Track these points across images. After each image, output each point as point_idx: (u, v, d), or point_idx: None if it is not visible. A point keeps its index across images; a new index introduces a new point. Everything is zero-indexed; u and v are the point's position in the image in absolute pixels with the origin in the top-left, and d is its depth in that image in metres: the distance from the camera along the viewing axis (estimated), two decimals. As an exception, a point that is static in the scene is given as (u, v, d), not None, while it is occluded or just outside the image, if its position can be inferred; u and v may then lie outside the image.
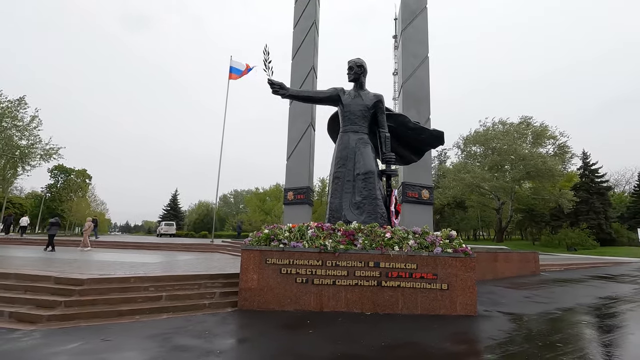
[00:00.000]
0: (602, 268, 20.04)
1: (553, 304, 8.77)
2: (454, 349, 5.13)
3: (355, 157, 9.75)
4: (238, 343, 5.29)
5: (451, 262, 7.59)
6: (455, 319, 7.03)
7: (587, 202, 41.18)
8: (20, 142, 36.23)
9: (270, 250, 7.71)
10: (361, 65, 10.65)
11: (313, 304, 7.43)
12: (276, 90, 9.93)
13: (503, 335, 5.92)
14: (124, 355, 4.60)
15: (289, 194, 20.52)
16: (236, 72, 21.56)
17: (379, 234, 7.92)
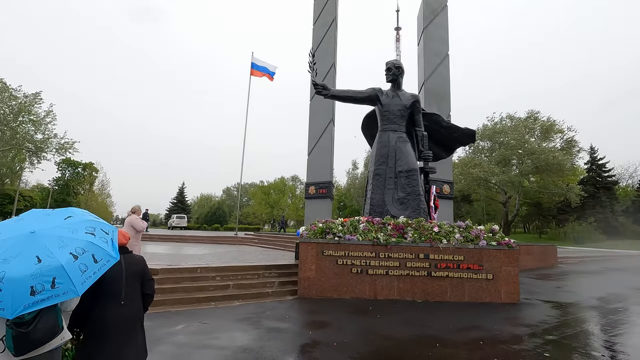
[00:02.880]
0: (614, 260, 20.68)
1: (584, 293, 9.38)
2: (516, 331, 5.73)
3: (396, 155, 10.27)
4: (322, 326, 5.87)
5: (495, 254, 8.18)
6: (501, 306, 7.64)
7: (594, 197, 41.80)
8: (36, 137, 36.67)
9: (326, 242, 8.29)
10: (399, 66, 11.12)
11: (368, 293, 8.03)
12: (319, 91, 10.45)
13: (553, 320, 6.52)
14: (232, 335, 5.19)
15: (310, 188, 21.10)
16: (258, 68, 21.95)
17: (427, 228, 8.49)
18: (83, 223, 2.38)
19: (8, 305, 1.82)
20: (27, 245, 2.02)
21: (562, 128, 41.92)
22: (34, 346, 2.08)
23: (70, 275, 1.99)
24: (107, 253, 2.28)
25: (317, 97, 21.59)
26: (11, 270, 1.88)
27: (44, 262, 1.96)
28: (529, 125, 42.16)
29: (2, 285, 1.83)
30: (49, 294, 1.93)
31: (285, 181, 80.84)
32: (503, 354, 4.62)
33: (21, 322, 1.97)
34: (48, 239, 2.10)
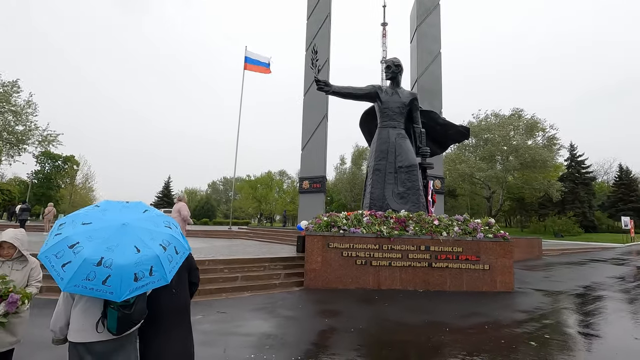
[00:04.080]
0: (593, 253, 21.76)
1: (571, 282, 9.99)
2: (516, 317, 6.16)
3: (396, 151, 10.60)
4: (335, 314, 6.15)
5: (492, 246, 8.64)
6: (498, 294, 8.11)
7: (573, 192, 43.56)
8: (17, 128, 35.45)
9: (332, 235, 8.57)
10: (398, 64, 11.42)
11: (372, 283, 8.37)
12: (321, 87, 10.65)
13: (547, 306, 7.01)
14: (252, 323, 5.42)
15: (304, 182, 21.32)
16: (252, 62, 21.89)
17: (428, 221, 8.87)
18: (160, 217, 2.58)
19: (117, 289, 2.00)
20: (124, 236, 2.19)
21: (544, 126, 43.34)
22: (131, 326, 2.29)
23: (163, 265, 2.20)
24: (183, 245, 2.49)
25: (311, 93, 21.78)
26: (117, 258, 2.06)
27: (143, 252, 2.15)
28: (513, 122, 43.41)
29: (111, 271, 2.01)
30: (147, 281, 2.13)
31: (273, 175, 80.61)
32: (507, 336, 5.01)
33: (125, 305, 2.17)
34: (139, 230, 2.28)
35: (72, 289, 2.02)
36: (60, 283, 2.04)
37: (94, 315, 2.25)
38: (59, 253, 2.11)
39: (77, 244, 2.10)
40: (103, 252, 2.08)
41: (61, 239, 2.16)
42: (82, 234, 2.17)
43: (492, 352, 4.38)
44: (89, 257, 2.02)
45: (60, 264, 2.08)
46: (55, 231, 2.30)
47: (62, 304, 2.36)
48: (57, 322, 2.35)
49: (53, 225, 2.53)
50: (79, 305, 2.31)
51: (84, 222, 2.29)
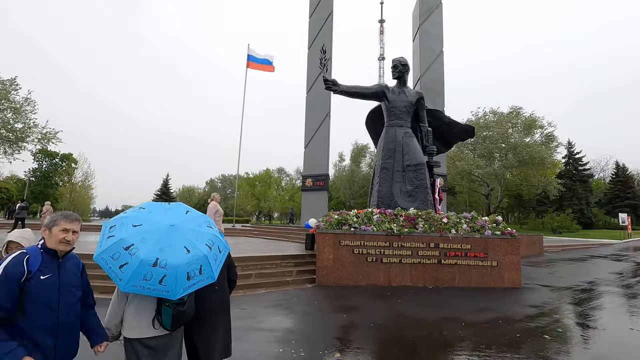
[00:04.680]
0: (592, 249, 22.06)
1: (575, 278, 10.21)
2: (527, 312, 6.34)
3: (403, 150, 10.75)
4: (352, 309, 6.30)
5: (499, 243, 8.82)
6: (506, 290, 8.30)
7: (570, 189, 44.01)
8: (16, 125, 35.28)
9: (343, 233, 8.72)
10: (405, 64, 11.54)
11: (382, 280, 8.53)
12: (329, 86, 10.73)
13: (555, 301, 7.20)
14: (273, 319, 5.56)
15: (307, 180, 21.46)
16: (255, 60, 21.92)
17: (437, 219, 9.04)
18: (201, 218, 2.70)
19: (172, 288, 2.12)
20: (173, 237, 2.31)
21: (542, 124, 43.65)
22: (184, 322, 2.43)
23: (210, 263, 2.33)
24: (224, 245, 2.63)
25: (314, 91, 21.88)
26: (171, 259, 2.17)
27: (192, 252, 2.28)
28: (511, 120, 43.69)
29: (166, 271, 2.13)
30: (198, 279, 2.26)
31: (271, 173, 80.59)
32: (522, 331, 5.19)
33: (179, 303, 2.30)
34: (186, 231, 2.40)
35: (131, 289, 2.14)
36: (119, 283, 2.15)
37: (148, 313, 2.37)
38: (115, 255, 2.21)
39: (132, 246, 2.21)
40: (157, 253, 2.19)
41: (116, 241, 2.26)
42: (135, 236, 2.27)
43: (509, 346, 4.55)
44: (145, 258, 2.13)
45: (118, 265, 2.18)
46: (107, 233, 2.40)
47: (117, 302, 2.48)
48: (112, 319, 2.47)
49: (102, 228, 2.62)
50: (132, 303, 2.42)
51: (134, 224, 2.40)
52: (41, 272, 1.91)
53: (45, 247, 2.01)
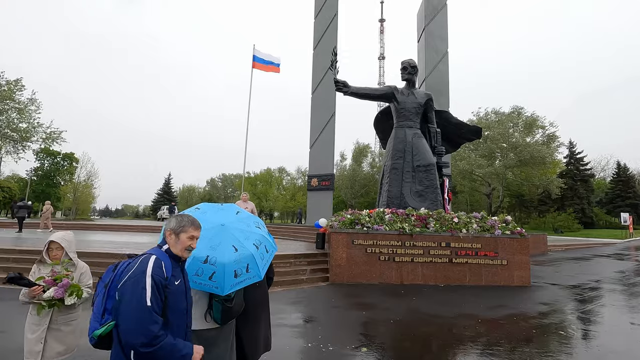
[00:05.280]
0: (594, 248, 22.24)
1: (582, 276, 10.39)
2: (540, 309, 6.52)
3: (413, 150, 10.91)
4: (370, 307, 6.47)
5: (509, 242, 8.99)
6: (516, 288, 8.47)
7: (572, 188, 44.20)
8: (21, 125, 35.43)
9: (356, 232, 8.88)
10: (414, 66, 11.70)
11: (395, 278, 8.70)
12: (339, 88, 10.88)
13: (565, 299, 7.38)
14: (295, 315, 5.74)
15: (313, 180, 21.61)
16: (260, 61, 22.05)
17: (447, 219, 9.21)
18: (250, 218, 2.87)
19: (221, 284, 2.27)
20: (223, 236, 2.47)
21: (544, 124, 43.82)
22: (233, 317, 2.59)
23: (257, 262, 2.49)
24: (272, 245, 2.79)
25: (319, 91, 22.04)
26: (220, 257, 2.34)
27: (240, 251, 2.44)
28: (513, 120, 43.86)
29: (216, 269, 2.30)
30: (245, 277, 2.42)
31: (272, 172, 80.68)
32: (537, 327, 5.36)
33: (227, 299, 2.46)
34: (235, 231, 2.56)
35: None
36: None
37: (202, 307, 2.53)
38: None
39: None
40: (208, 250, 2.36)
41: None
42: None
43: (527, 341, 4.72)
44: (197, 255, 2.30)
45: None
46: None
47: None
48: None
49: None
50: None
51: None
52: (174, 278, 1.80)
53: (170, 252, 1.88)
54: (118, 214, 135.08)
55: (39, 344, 2.67)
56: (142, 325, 1.56)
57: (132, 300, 1.59)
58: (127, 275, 1.66)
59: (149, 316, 1.58)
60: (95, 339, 1.67)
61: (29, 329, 2.73)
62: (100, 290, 1.79)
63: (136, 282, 1.62)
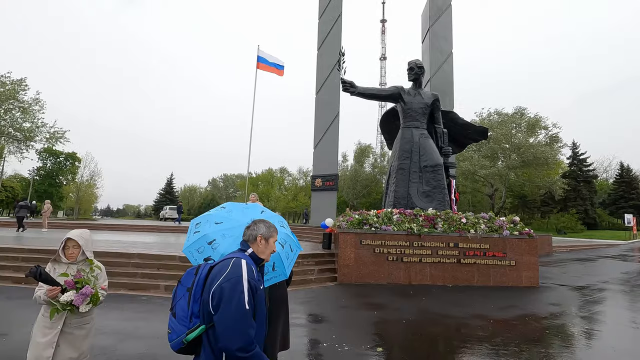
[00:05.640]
0: (598, 249, 22.20)
1: (589, 277, 10.37)
2: (551, 310, 6.51)
3: (420, 151, 10.91)
4: (381, 307, 6.47)
5: (517, 243, 8.99)
6: (525, 289, 8.46)
7: (575, 190, 44.12)
8: (24, 125, 35.55)
9: (364, 233, 8.89)
10: (421, 66, 11.70)
11: (403, 278, 8.70)
12: (347, 88, 10.88)
13: (575, 300, 7.37)
14: (308, 315, 5.74)
15: (317, 180, 21.61)
16: (264, 62, 22.07)
17: (455, 219, 9.21)
18: (274, 218, 2.88)
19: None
20: None
21: (546, 124, 43.77)
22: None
23: (283, 261, 2.53)
24: (296, 244, 2.80)
25: (323, 92, 22.05)
26: None
27: None
28: (515, 120, 43.81)
29: None
30: (271, 275, 2.46)
31: (274, 172, 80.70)
32: (549, 327, 5.36)
33: None
34: None
35: None
36: None
37: None
38: (200, 248, 2.42)
39: (214, 241, 2.41)
40: (235, 248, 2.39)
41: (201, 236, 2.47)
42: (217, 232, 2.47)
43: (542, 342, 4.72)
44: (225, 253, 2.33)
45: (202, 258, 2.39)
46: (193, 229, 2.60)
47: None
48: None
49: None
50: None
51: (216, 221, 2.60)
52: (260, 283, 1.79)
53: (255, 257, 1.87)
54: (119, 214, 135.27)
55: (49, 348, 2.50)
56: (242, 329, 1.55)
57: (231, 303, 1.56)
58: (220, 279, 1.63)
59: (248, 320, 1.58)
60: (185, 343, 1.65)
61: (39, 332, 2.55)
62: (181, 293, 1.76)
63: (234, 285, 1.60)
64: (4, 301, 6.11)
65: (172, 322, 1.70)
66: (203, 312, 1.65)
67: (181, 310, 1.69)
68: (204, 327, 1.63)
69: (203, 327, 1.63)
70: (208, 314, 1.63)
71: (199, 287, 1.71)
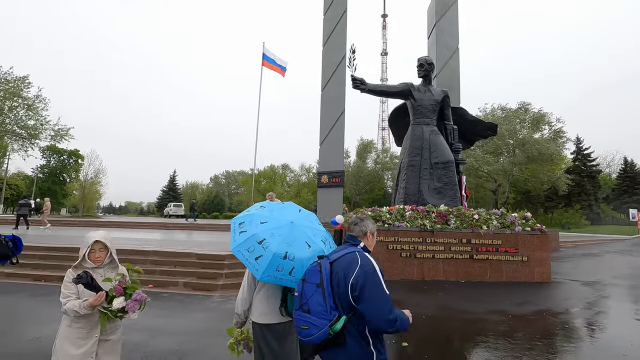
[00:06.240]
0: (604, 244, 22.27)
1: (599, 272, 10.45)
2: (566, 305, 6.59)
3: (431, 147, 10.94)
4: (398, 302, 6.51)
5: (529, 239, 9.04)
6: (537, 284, 8.53)
7: (579, 185, 44.12)
8: (28, 122, 35.64)
9: (377, 229, 8.91)
10: (431, 62, 11.72)
11: (416, 274, 8.78)
12: (357, 85, 10.90)
13: (589, 295, 7.43)
14: (329, 311, 5.82)
15: (323, 177, 21.67)
16: (269, 60, 22.09)
17: (468, 215, 9.26)
18: (312, 216, 2.96)
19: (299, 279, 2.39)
20: (295, 233, 2.57)
21: (550, 120, 43.64)
22: None
23: None
24: (331, 240, 2.87)
25: (328, 89, 22.04)
26: (297, 252, 2.44)
27: (312, 247, 2.53)
28: (519, 116, 43.69)
29: (294, 264, 2.40)
30: None
31: (275, 169, 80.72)
32: (569, 322, 5.44)
33: None
34: (304, 228, 2.66)
35: (267, 279, 2.41)
36: (256, 273, 2.42)
37: (275, 301, 2.63)
38: (250, 248, 2.49)
39: (264, 240, 2.48)
40: (286, 247, 2.46)
41: (249, 236, 2.53)
42: (265, 232, 2.54)
43: (563, 337, 4.80)
44: (277, 251, 2.40)
45: (254, 257, 2.46)
46: (237, 229, 2.67)
47: (247, 291, 2.74)
48: (243, 306, 2.73)
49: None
50: (261, 292, 2.68)
51: (261, 221, 2.66)
52: None
53: (366, 250, 2.09)
54: (122, 211, 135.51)
55: (89, 359, 2.40)
56: (389, 310, 1.83)
57: (377, 291, 1.83)
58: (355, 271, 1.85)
59: (390, 302, 1.86)
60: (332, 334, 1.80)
61: (70, 345, 2.40)
62: (310, 290, 1.90)
63: (372, 275, 1.86)
64: (28, 299, 6.22)
65: (309, 318, 1.83)
66: (341, 304, 1.81)
67: (318, 305, 1.82)
68: (346, 317, 1.82)
69: (345, 317, 1.82)
70: (347, 304, 1.82)
71: (328, 282, 1.85)
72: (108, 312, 2.38)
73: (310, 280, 1.93)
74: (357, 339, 1.85)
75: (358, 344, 1.85)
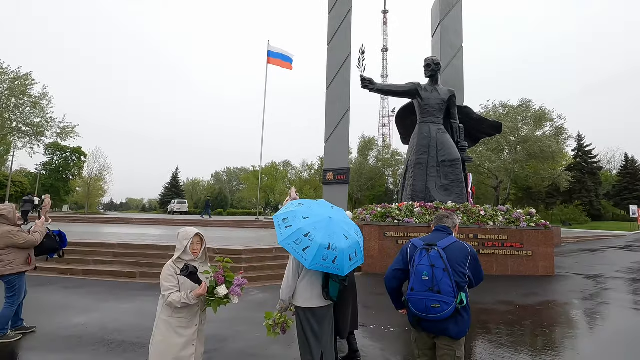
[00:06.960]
0: (605, 240, 22.60)
1: (601, 267, 10.78)
2: (571, 297, 6.92)
3: (437, 146, 11.25)
4: (409, 294, 6.90)
5: (534, 234, 9.38)
6: (542, 278, 8.88)
7: (580, 181, 44.37)
8: (34, 120, 35.94)
9: (387, 225, 9.29)
10: (438, 62, 12.01)
11: (425, 268, 9.11)
12: (365, 85, 11.19)
13: (592, 288, 7.78)
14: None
15: (328, 174, 21.98)
16: (275, 56, 22.32)
17: (474, 212, 9.59)
18: (342, 211, 3.29)
19: (342, 267, 2.71)
20: (334, 227, 2.89)
21: (552, 117, 43.83)
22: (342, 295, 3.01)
23: (361, 249, 2.94)
24: (360, 232, 3.20)
25: (333, 86, 22.28)
26: (339, 243, 2.76)
27: (350, 239, 2.86)
28: (521, 113, 43.89)
29: (337, 253, 2.72)
30: (355, 261, 2.87)
31: (277, 166, 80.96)
32: (574, 312, 5.78)
33: (343, 279, 2.88)
34: (341, 222, 2.98)
35: (314, 267, 2.73)
36: (304, 262, 2.74)
37: (317, 287, 2.95)
38: (297, 240, 2.81)
39: (309, 233, 2.80)
40: (328, 238, 2.78)
41: (295, 230, 2.85)
42: (309, 226, 2.86)
43: (570, 325, 5.14)
44: (322, 242, 2.72)
45: (301, 249, 2.78)
46: (282, 224, 2.99)
47: (292, 279, 3.05)
48: (288, 292, 3.05)
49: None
50: (305, 279, 3.00)
51: (304, 216, 2.99)
52: None
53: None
54: (123, 208, 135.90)
55: (190, 346, 2.68)
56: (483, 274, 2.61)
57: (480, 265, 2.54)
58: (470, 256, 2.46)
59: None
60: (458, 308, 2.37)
61: (171, 334, 2.64)
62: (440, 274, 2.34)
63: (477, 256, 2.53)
64: (61, 290, 6.57)
65: (439, 297, 2.31)
66: (458, 283, 2.36)
67: (447, 286, 2.31)
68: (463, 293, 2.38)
69: (463, 293, 2.38)
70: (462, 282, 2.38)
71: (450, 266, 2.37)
72: (216, 299, 2.70)
73: (438, 266, 2.35)
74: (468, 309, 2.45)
75: (467, 312, 2.43)
